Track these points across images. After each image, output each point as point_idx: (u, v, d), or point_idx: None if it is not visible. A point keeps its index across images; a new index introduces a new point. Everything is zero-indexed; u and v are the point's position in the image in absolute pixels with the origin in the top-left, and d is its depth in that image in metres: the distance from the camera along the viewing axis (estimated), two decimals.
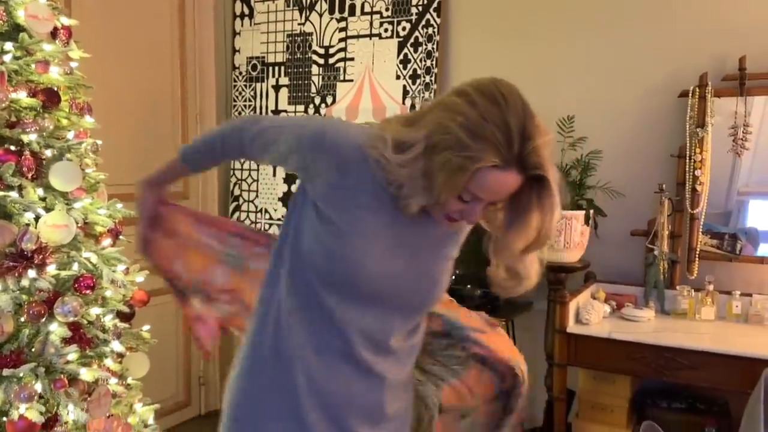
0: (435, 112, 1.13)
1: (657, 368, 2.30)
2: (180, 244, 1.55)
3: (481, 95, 1.10)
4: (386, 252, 1.20)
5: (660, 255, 2.62)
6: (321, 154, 1.19)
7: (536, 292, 2.87)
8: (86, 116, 2.04)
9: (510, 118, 1.07)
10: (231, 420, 1.28)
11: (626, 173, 2.80)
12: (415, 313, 1.31)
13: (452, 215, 1.18)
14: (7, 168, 1.76)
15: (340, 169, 1.17)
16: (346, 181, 1.18)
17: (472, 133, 1.07)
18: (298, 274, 1.22)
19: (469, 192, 1.11)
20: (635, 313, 2.53)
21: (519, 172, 1.09)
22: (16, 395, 1.68)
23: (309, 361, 1.21)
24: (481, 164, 1.07)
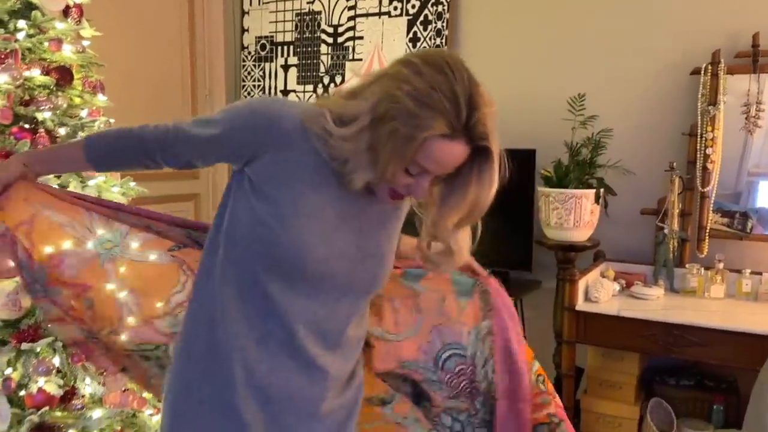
0: (380, 82, 1.09)
1: (666, 345, 2.32)
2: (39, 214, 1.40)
3: (427, 65, 1.07)
4: (330, 231, 1.16)
5: (670, 233, 2.62)
6: (260, 128, 1.14)
7: (545, 271, 2.91)
8: (99, 95, 2.05)
9: (457, 87, 1.05)
10: (170, 415, 1.24)
11: (637, 152, 2.79)
12: (363, 296, 1.26)
13: (399, 190, 1.15)
14: (22, 145, 1.78)
15: (280, 142, 1.13)
16: (286, 155, 1.13)
17: (419, 101, 1.04)
18: (235, 262, 1.16)
19: (416, 164, 1.09)
20: (644, 291, 2.54)
21: (466, 142, 1.08)
22: (35, 369, 1.71)
23: (248, 352, 1.16)
24: (430, 133, 1.04)
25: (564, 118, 2.72)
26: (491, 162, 1.11)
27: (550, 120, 2.86)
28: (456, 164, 1.10)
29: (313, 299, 1.17)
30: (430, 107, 1.04)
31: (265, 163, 1.14)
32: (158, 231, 1.45)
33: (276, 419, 1.18)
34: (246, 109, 1.18)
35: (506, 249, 2.90)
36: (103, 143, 1.31)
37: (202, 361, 1.20)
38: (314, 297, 1.17)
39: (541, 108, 2.96)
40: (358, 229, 1.20)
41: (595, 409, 2.54)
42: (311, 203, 1.14)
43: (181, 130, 1.21)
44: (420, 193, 1.15)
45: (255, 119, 1.14)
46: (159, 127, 1.23)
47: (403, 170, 1.10)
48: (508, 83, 3.07)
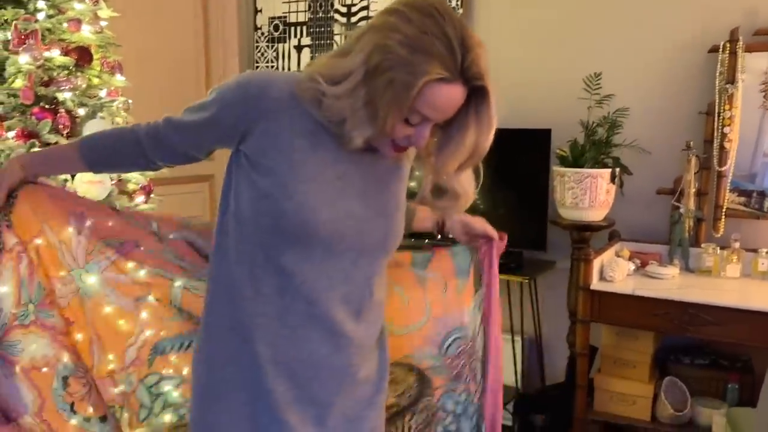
0: (368, 35, 1.07)
1: (680, 324, 2.32)
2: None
3: (414, 10, 1.05)
4: (333, 193, 1.15)
5: (686, 213, 2.61)
6: (250, 100, 1.12)
7: (559, 251, 2.91)
8: (117, 75, 2.07)
9: (448, 29, 1.03)
10: (199, 398, 1.25)
11: (653, 131, 2.78)
12: (378, 256, 1.24)
13: (399, 142, 1.13)
14: (44, 125, 1.80)
15: (271, 112, 1.12)
16: (279, 124, 1.12)
17: (412, 47, 1.02)
18: (245, 241, 1.16)
19: (416, 112, 1.07)
20: (659, 271, 2.54)
21: (463, 83, 1.06)
22: None
23: (269, 329, 1.16)
24: (428, 78, 1.02)
25: (580, 97, 2.71)
26: (488, 101, 1.10)
27: (565, 99, 2.85)
28: (455, 108, 1.09)
29: (327, 266, 1.16)
30: (424, 52, 1.02)
31: (258, 137, 1.13)
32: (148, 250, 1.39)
33: (306, 393, 1.19)
34: (234, 83, 1.16)
35: (520, 229, 2.90)
36: (97, 144, 1.30)
37: (224, 341, 1.20)
38: (328, 263, 1.16)
39: (557, 87, 2.95)
40: (362, 190, 1.19)
41: (609, 388, 2.55)
42: (310, 168, 1.13)
43: (173, 121, 1.21)
44: (421, 142, 1.13)
45: (244, 92, 1.13)
46: (151, 124, 1.24)
47: (402, 121, 1.08)
48: (523, 62, 3.06)
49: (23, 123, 1.81)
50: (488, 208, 2.94)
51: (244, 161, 1.15)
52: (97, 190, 1.87)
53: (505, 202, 2.93)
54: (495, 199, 2.94)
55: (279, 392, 1.16)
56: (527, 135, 2.86)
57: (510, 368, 3.01)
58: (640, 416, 2.50)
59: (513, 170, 2.89)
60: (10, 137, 1.78)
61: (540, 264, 2.96)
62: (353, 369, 1.23)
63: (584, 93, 2.69)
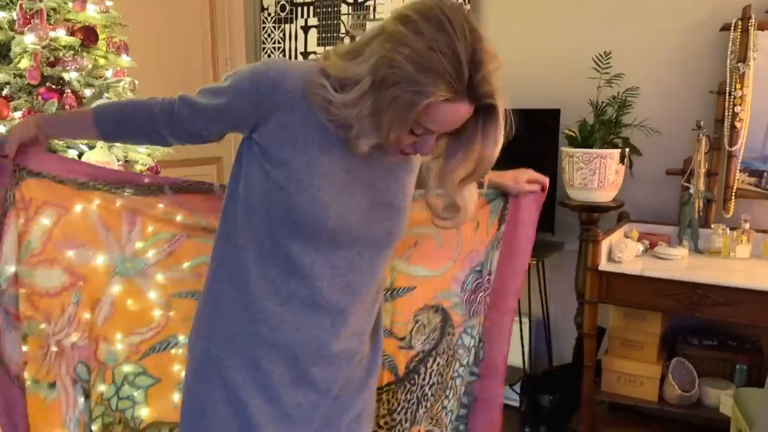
0: (378, 41, 1.06)
1: (689, 305, 2.31)
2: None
3: (427, 21, 1.03)
4: (344, 187, 1.17)
5: (695, 193, 2.59)
6: (264, 90, 1.13)
7: (568, 232, 2.90)
8: (123, 55, 2.06)
9: (459, 45, 1.02)
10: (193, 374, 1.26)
11: (663, 110, 2.74)
12: (383, 248, 1.27)
13: (405, 149, 1.15)
14: (50, 105, 1.80)
15: (285, 103, 1.12)
16: (291, 118, 1.13)
17: (420, 66, 1.01)
18: (254, 228, 1.18)
19: (420, 126, 1.08)
20: (668, 252, 2.53)
21: (470, 101, 1.06)
22: None
23: (272, 313, 1.18)
24: (432, 99, 1.02)
25: (589, 76, 2.68)
26: (496, 120, 1.10)
27: (574, 79, 2.82)
28: (460, 122, 1.10)
29: (333, 256, 1.18)
30: (431, 71, 1.01)
31: (271, 128, 1.13)
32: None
33: (304, 376, 1.21)
34: (248, 72, 1.16)
35: None
36: (111, 111, 1.31)
37: (226, 320, 1.22)
38: (334, 254, 1.18)
39: (566, 67, 2.91)
40: (370, 184, 1.20)
41: (617, 369, 2.55)
42: (324, 165, 1.15)
43: (187, 100, 1.20)
44: (426, 150, 1.14)
45: (260, 81, 1.13)
46: (166, 99, 1.23)
47: (407, 133, 1.09)
48: (532, 42, 3.03)
49: (30, 103, 1.81)
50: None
51: (257, 149, 1.16)
52: None
53: None
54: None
55: (277, 374, 1.19)
56: (536, 115, 2.83)
57: (517, 349, 3.01)
58: (648, 397, 2.50)
59: (521, 151, 2.86)
60: (17, 117, 1.78)
61: (548, 245, 2.95)
62: (351, 353, 1.26)
63: (593, 72, 2.66)
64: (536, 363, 3.14)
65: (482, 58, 1.03)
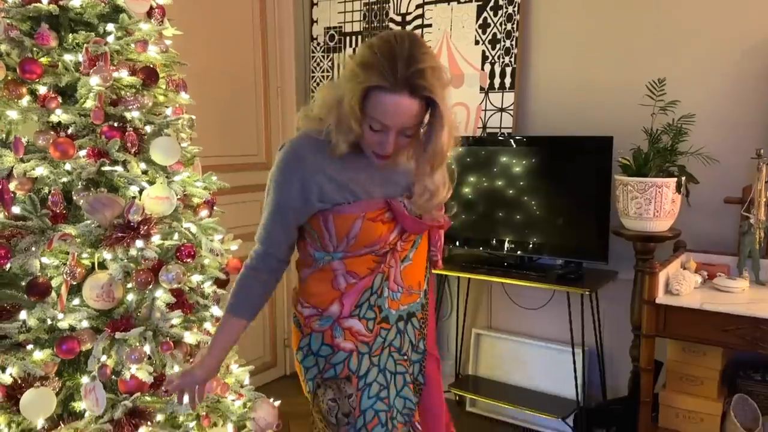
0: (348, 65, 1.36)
1: (752, 341, 2.22)
2: None
3: (379, 39, 1.33)
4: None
5: (756, 223, 2.50)
6: (293, 170, 1.43)
7: (622, 261, 2.84)
8: (182, 92, 2.12)
9: (397, 49, 1.28)
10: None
11: (721, 138, 2.67)
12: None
13: (376, 149, 1.38)
14: (113, 144, 1.86)
15: (309, 167, 1.42)
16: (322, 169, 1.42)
17: (362, 64, 1.30)
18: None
19: (373, 119, 1.32)
20: (728, 284, 2.44)
21: (410, 94, 1.28)
22: (128, 357, 1.80)
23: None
24: (367, 84, 1.28)
25: (642, 104, 2.63)
26: (438, 112, 1.33)
27: (628, 106, 2.77)
28: (407, 116, 1.31)
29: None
30: (369, 66, 1.29)
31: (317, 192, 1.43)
32: None
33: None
34: (277, 168, 1.46)
35: (582, 239, 2.85)
36: (235, 297, 1.52)
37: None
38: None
39: (619, 94, 2.87)
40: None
41: (675, 404, 2.47)
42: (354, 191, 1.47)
43: (262, 237, 1.50)
44: (387, 148, 1.36)
45: (286, 167, 1.44)
46: (251, 254, 1.52)
47: (366, 126, 1.34)
48: (584, 68, 3.00)
49: (93, 142, 1.87)
50: (548, 218, 2.90)
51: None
52: (164, 206, 1.92)
53: (566, 212, 2.87)
54: (555, 209, 2.89)
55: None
56: (588, 143, 2.79)
57: (570, 381, 2.95)
58: None
59: (574, 179, 2.84)
60: (82, 156, 1.85)
61: (601, 275, 2.89)
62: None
63: (647, 99, 2.61)
64: (590, 395, 3.07)
65: (418, 58, 1.28)
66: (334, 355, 1.52)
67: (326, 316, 1.52)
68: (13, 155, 1.81)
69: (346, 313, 1.51)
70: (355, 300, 1.50)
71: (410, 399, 1.57)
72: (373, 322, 1.52)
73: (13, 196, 1.82)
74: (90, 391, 1.77)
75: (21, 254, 1.74)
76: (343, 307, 1.50)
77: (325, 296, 1.52)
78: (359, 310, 1.51)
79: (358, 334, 1.52)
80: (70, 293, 1.83)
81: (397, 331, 1.57)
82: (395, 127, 1.33)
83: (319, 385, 1.55)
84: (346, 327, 1.51)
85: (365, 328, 1.52)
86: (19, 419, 1.75)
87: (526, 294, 3.22)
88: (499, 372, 3.33)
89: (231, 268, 2.21)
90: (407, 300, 1.57)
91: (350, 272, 1.49)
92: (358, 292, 1.50)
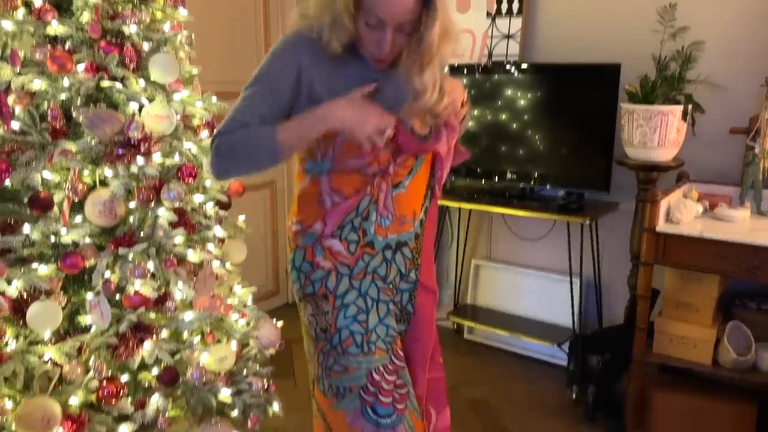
0: None
1: (750, 268, 2.24)
2: None
3: None
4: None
5: (761, 152, 2.48)
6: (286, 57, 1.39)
7: (623, 192, 2.84)
8: (180, 8, 2.07)
9: None
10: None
11: (729, 66, 2.63)
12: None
13: (373, 50, 1.36)
14: (111, 59, 1.83)
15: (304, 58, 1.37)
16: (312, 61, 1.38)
17: None
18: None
19: (368, 12, 1.30)
20: (729, 213, 2.45)
21: None
22: (131, 272, 1.82)
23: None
24: None
25: (653, 29, 2.57)
26: (434, 8, 1.30)
27: (637, 32, 2.71)
28: (402, 7, 1.28)
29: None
30: None
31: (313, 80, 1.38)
32: None
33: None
34: (270, 54, 1.42)
35: (584, 169, 2.84)
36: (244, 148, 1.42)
37: None
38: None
39: (628, 20, 2.80)
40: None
41: (670, 331, 2.51)
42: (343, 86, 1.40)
43: (238, 103, 1.41)
44: (385, 47, 1.34)
45: (282, 52, 1.40)
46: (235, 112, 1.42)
47: (362, 23, 1.32)
48: None
49: (91, 57, 1.84)
50: (551, 148, 2.88)
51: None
52: (163, 124, 1.89)
53: (569, 142, 2.85)
54: (558, 138, 2.87)
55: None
56: (595, 70, 2.75)
57: (567, 310, 3.00)
58: (701, 360, 2.46)
59: (579, 108, 2.80)
60: (80, 71, 1.82)
61: (602, 205, 2.89)
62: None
63: (657, 26, 2.55)
64: (586, 323, 3.12)
65: None
66: (314, 272, 1.52)
67: (309, 233, 1.52)
68: (10, 68, 1.78)
69: (327, 233, 1.50)
70: (338, 221, 1.49)
71: (393, 327, 1.56)
72: (355, 245, 1.51)
73: (12, 111, 1.79)
74: (95, 305, 1.80)
75: (21, 168, 1.74)
76: (325, 226, 1.49)
77: (310, 214, 1.51)
78: (341, 231, 1.50)
79: (338, 255, 1.51)
80: (72, 211, 1.83)
81: (383, 260, 1.54)
82: (391, 20, 1.30)
83: (300, 300, 1.58)
84: (326, 246, 1.51)
85: (346, 250, 1.51)
86: (26, 332, 1.78)
87: (527, 225, 3.23)
88: (497, 301, 3.38)
89: (232, 191, 2.21)
90: (397, 229, 1.54)
91: (336, 191, 1.47)
92: (342, 213, 1.49)
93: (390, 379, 1.52)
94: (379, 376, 1.51)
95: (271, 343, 2.17)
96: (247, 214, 2.35)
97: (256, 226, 3.39)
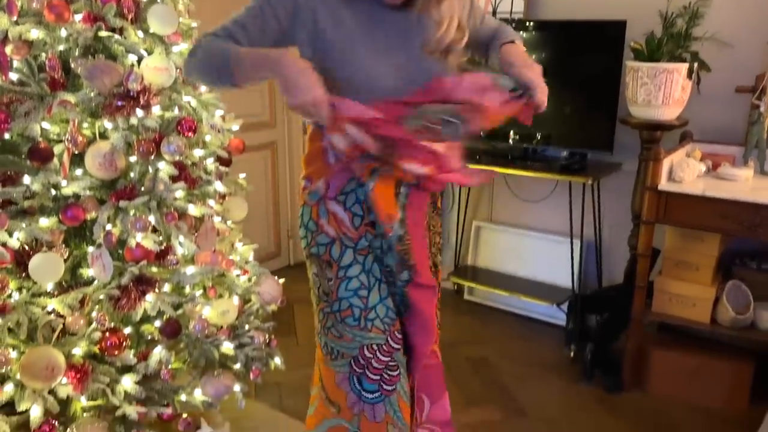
0: None
1: (751, 227, 2.24)
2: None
3: None
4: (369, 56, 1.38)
5: (766, 111, 2.46)
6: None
7: (626, 152, 2.82)
8: None
9: None
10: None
11: (737, 22, 2.58)
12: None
13: None
14: (109, 8, 1.80)
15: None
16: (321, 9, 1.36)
17: None
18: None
19: None
20: (732, 172, 2.44)
21: None
22: (133, 225, 1.82)
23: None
24: None
25: None
26: None
27: None
28: None
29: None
30: None
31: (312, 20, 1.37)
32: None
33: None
34: None
35: (588, 129, 2.82)
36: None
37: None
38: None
39: None
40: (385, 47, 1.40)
41: (669, 289, 2.53)
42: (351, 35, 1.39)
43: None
44: None
45: None
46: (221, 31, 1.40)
47: None
48: None
49: (89, 7, 1.81)
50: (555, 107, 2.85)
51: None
52: (163, 76, 1.87)
53: (572, 100, 2.82)
54: (561, 97, 2.84)
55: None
56: (600, 27, 2.71)
57: (567, 271, 3.01)
58: (700, 318, 2.47)
59: (584, 66, 2.77)
60: (78, 21, 1.79)
61: (605, 166, 2.88)
62: None
63: None
64: (585, 284, 3.13)
65: None
66: (319, 234, 1.51)
67: (314, 190, 1.50)
68: (7, 17, 1.75)
69: (331, 195, 1.47)
70: (341, 184, 1.46)
71: (392, 309, 1.52)
72: (360, 220, 1.48)
73: (10, 62, 1.77)
74: (96, 258, 1.80)
75: (20, 119, 1.72)
76: (328, 187, 1.47)
77: (316, 169, 1.50)
78: (345, 198, 1.47)
79: (342, 224, 1.48)
80: (72, 164, 1.82)
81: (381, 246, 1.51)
82: None
83: (307, 257, 1.57)
84: (331, 210, 1.48)
85: (350, 221, 1.48)
86: (29, 284, 1.79)
87: (528, 187, 3.22)
88: (498, 263, 3.39)
89: (233, 147, 2.20)
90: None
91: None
92: (343, 178, 1.46)
93: (383, 359, 1.51)
94: (371, 354, 1.51)
95: (272, 299, 2.19)
96: (248, 175, 2.34)
97: (257, 187, 3.40)
